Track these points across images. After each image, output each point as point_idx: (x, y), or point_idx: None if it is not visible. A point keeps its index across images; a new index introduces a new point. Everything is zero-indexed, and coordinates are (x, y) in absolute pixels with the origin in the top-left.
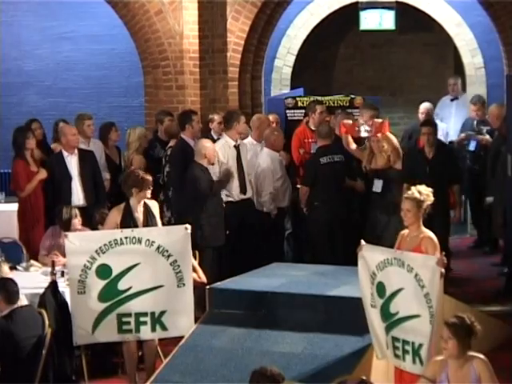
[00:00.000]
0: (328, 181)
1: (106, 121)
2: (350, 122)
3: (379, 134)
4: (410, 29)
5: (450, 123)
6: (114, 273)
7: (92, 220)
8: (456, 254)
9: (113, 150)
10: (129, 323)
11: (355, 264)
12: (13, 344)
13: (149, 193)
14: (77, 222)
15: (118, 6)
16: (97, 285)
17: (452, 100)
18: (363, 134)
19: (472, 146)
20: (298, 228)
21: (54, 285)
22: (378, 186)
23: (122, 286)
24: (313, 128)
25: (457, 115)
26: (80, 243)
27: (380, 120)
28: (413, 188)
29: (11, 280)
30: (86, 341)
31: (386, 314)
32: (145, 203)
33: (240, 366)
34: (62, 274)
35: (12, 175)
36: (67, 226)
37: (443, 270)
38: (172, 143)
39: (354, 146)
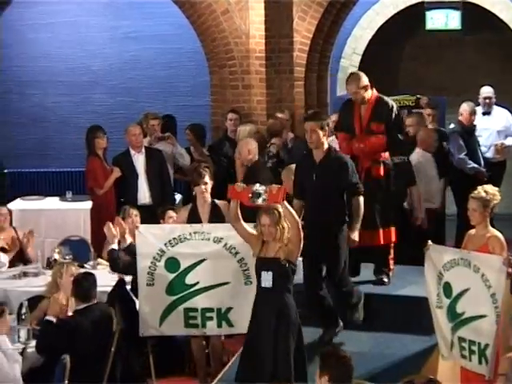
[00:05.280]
0: None
1: None
2: (243, 186)
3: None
4: (476, 29)
5: (481, 139)
6: (182, 267)
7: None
8: None
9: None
10: (195, 318)
11: None
12: (84, 341)
13: (203, 187)
14: (130, 221)
15: (185, 6)
16: (165, 277)
17: (484, 114)
18: (259, 202)
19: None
20: None
21: (121, 283)
22: (267, 279)
23: (189, 280)
24: None
25: (487, 130)
26: (150, 235)
27: (276, 186)
28: (479, 187)
29: (89, 277)
30: (152, 332)
31: (452, 313)
32: (213, 203)
33: None
34: None
35: (88, 173)
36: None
37: (510, 270)
38: (274, 141)
39: (241, 223)
